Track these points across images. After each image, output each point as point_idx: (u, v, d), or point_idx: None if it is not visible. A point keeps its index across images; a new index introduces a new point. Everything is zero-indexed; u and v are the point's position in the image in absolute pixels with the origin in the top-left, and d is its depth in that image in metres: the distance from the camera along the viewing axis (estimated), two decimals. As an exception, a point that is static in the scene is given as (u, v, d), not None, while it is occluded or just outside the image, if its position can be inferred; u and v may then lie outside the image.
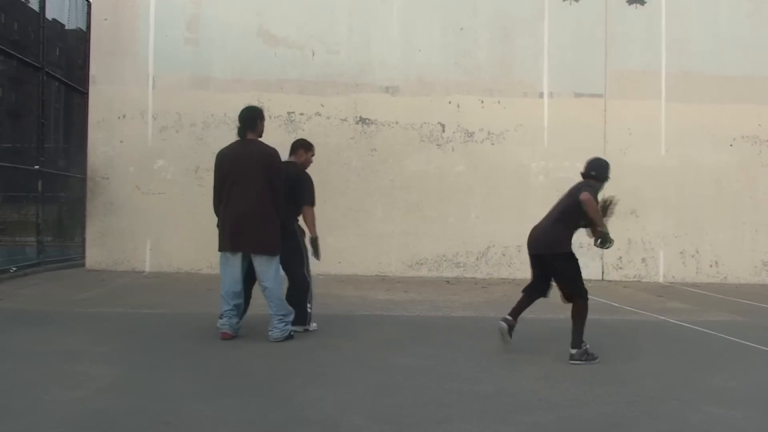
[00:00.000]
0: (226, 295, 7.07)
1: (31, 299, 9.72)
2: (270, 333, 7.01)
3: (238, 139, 7.18)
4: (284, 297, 7.19)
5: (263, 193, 6.91)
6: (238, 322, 7.10)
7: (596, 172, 7.08)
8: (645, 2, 14.21)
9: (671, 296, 11.81)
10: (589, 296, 6.74)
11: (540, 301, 7.01)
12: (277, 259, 7.03)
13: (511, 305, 7.00)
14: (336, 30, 14.01)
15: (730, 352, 7.36)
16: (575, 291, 6.77)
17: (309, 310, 7.58)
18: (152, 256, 13.31)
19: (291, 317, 7.13)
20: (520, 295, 7.04)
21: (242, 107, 7.46)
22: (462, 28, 14.12)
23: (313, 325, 7.63)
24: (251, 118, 7.19)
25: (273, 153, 7.11)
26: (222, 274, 7.18)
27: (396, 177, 13.89)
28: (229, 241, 7.01)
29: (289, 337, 7.05)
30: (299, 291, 7.50)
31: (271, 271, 7.00)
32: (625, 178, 14.00)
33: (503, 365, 6.36)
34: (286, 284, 7.37)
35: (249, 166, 6.93)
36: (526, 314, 9.16)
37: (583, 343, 6.54)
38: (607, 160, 7.39)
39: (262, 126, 7.26)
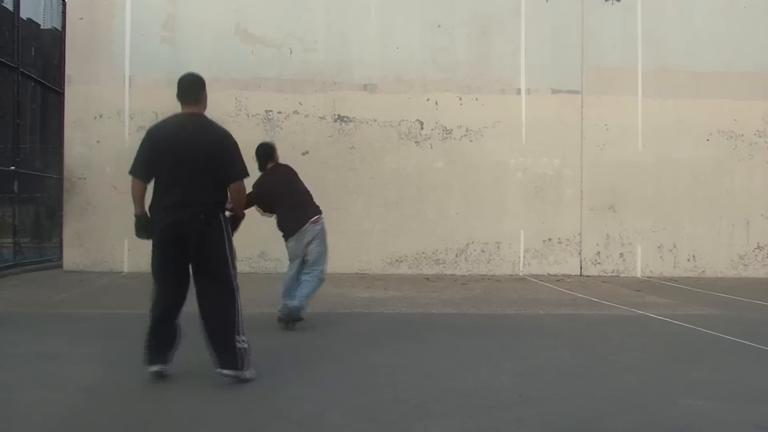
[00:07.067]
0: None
1: (8, 301, 9.62)
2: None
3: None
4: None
5: None
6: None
7: None
8: (620, -1, 14.34)
9: (649, 290, 11.89)
10: (568, 291, 6.69)
11: (518, 297, 7.02)
12: None
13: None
14: (313, 28, 13.99)
15: (708, 346, 7.42)
16: None
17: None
18: (130, 256, 13.22)
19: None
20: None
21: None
22: (439, 26, 14.15)
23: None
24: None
25: None
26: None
27: (375, 174, 13.90)
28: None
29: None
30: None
31: None
32: (603, 174, 14.17)
33: (484, 361, 6.37)
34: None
35: None
36: (505, 310, 9.23)
37: None
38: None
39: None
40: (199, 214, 5.29)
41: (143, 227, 5.46)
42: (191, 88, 5.51)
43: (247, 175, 5.58)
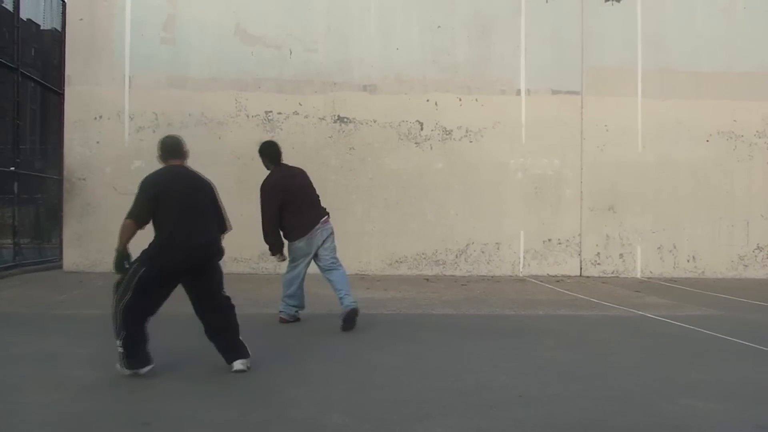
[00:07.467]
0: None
1: (8, 301, 9.62)
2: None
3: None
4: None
5: None
6: None
7: None
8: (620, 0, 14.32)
9: (649, 291, 11.89)
10: (567, 292, 6.71)
11: (518, 298, 7.02)
12: None
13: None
14: (314, 29, 13.98)
15: (708, 346, 7.42)
16: None
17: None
18: (130, 257, 13.20)
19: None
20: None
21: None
22: (439, 26, 14.14)
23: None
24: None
25: None
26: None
27: (375, 175, 13.89)
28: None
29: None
30: None
31: None
32: (603, 174, 14.17)
33: (483, 362, 6.37)
34: None
35: None
36: (505, 311, 9.23)
37: None
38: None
39: None
40: (217, 246, 5.91)
41: (123, 263, 5.95)
42: (177, 147, 6.14)
43: None
